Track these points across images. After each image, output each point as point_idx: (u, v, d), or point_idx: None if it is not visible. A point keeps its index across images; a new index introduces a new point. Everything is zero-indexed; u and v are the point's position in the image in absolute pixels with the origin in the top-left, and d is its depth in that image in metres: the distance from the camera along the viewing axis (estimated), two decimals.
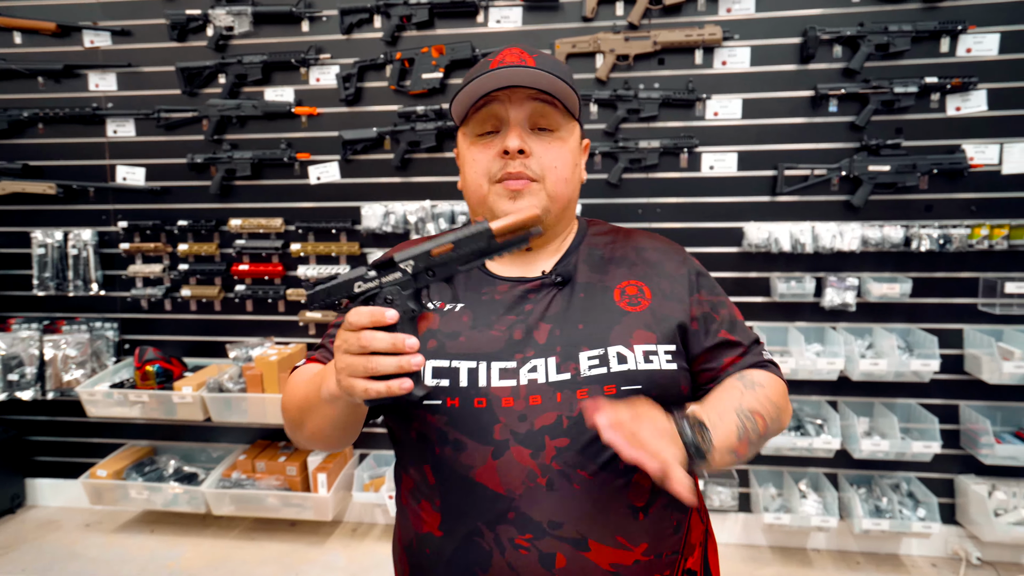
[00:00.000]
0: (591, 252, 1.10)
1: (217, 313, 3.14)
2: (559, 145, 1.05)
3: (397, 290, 0.83)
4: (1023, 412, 2.71)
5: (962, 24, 2.52)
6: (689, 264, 1.11)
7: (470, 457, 0.95)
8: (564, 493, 0.93)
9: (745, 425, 0.96)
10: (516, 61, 1.02)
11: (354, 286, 0.85)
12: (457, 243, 0.82)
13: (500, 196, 1.03)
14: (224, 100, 2.98)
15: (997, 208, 2.61)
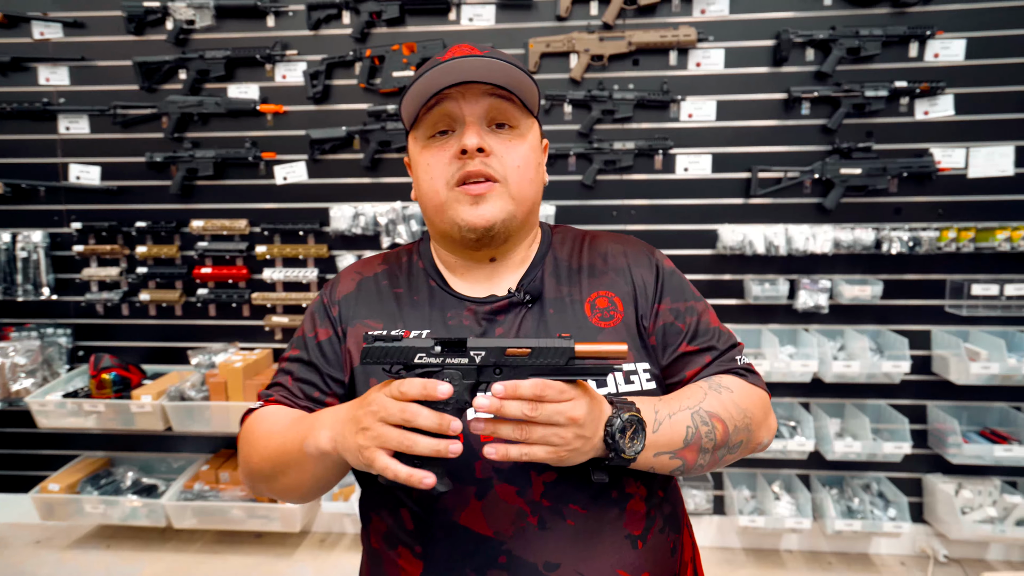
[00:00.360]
0: (557, 263, 1.04)
1: (178, 318, 3.02)
2: (520, 143, 0.97)
3: (458, 376, 0.78)
4: (988, 412, 2.76)
5: (930, 29, 2.56)
6: (658, 267, 1.05)
7: (452, 499, 0.89)
8: (558, 531, 0.88)
9: (699, 429, 0.89)
10: (466, 53, 0.93)
11: (416, 356, 0.79)
12: (535, 351, 0.78)
13: (460, 202, 0.94)
14: (185, 97, 2.86)
15: (963, 211, 2.65)
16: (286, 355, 1.06)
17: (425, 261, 1.07)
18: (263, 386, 1.09)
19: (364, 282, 1.06)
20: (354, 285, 1.06)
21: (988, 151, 2.62)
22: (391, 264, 1.08)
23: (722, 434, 0.92)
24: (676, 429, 0.88)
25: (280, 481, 0.94)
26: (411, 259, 1.08)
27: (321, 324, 1.04)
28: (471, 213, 0.94)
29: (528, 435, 0.75)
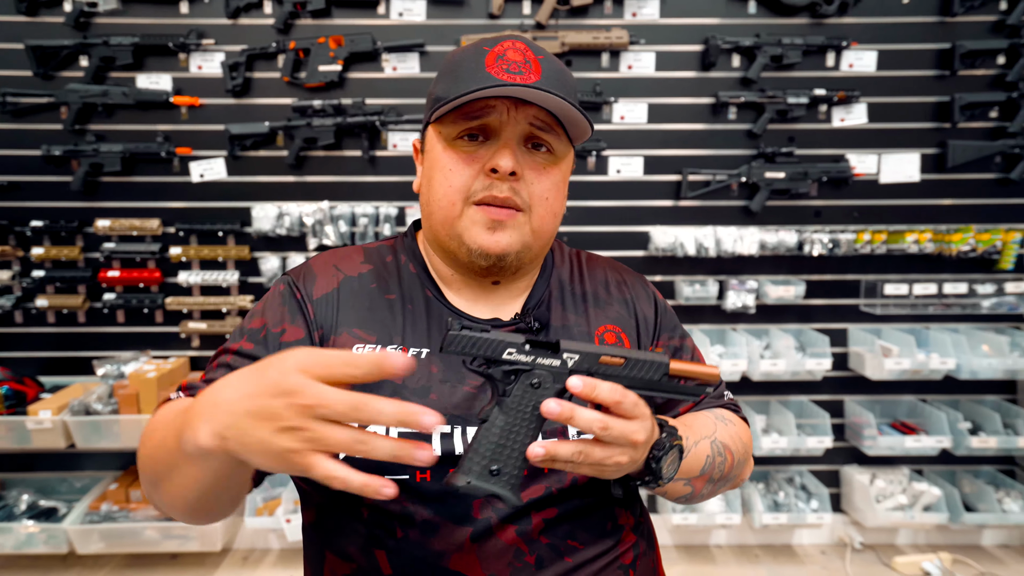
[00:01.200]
0: (561, 286, 0.99)
1: (81, 325, 2.78)
2: (554, 172, 0.89)
3: (549, 378, 0.71)
4: (898, 405, 2.92)
5: (846, 41, 2.67)
6: (656, 301, 1.03)
7: (443, 542, 0.81)
8: (556, 569, 0.83)
9: (715, 459, 0.89)
10: (520, 63, 0.84)
11: (505, 351, 0.71)
12: (629, 363, 0.74)
13: (476, 223, 0.86)
14: (87, 86, 2.64)
15: (876, 215, 2.79)
16: (232, 346, 0.88)
17: (416, 266, 0.96)
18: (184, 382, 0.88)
19: (348, 282, 0.93)
20: (335, 284, 0.92)
21: (897, 158, 2.76)
22: (376, 265, 0.96)
23: (729, 465, 0.91)
24: (698, 457, 0.87)
25: (163, 489, 0.76)
26: (399, 261, 0.97)
27: (291, 320, 0.89)
28: (486, 237, 0.86)
29: (586, 457, 0.69)
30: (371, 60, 2.69)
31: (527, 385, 0.71)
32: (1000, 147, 2.70)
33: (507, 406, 0.70)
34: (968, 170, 2.76)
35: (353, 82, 2.70)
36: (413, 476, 0.81)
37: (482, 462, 0.69)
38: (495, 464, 0.69)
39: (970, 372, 2.64)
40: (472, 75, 0.84)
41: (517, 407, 0.70)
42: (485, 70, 0.83)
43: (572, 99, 0.86)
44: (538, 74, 0.84)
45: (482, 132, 0.86)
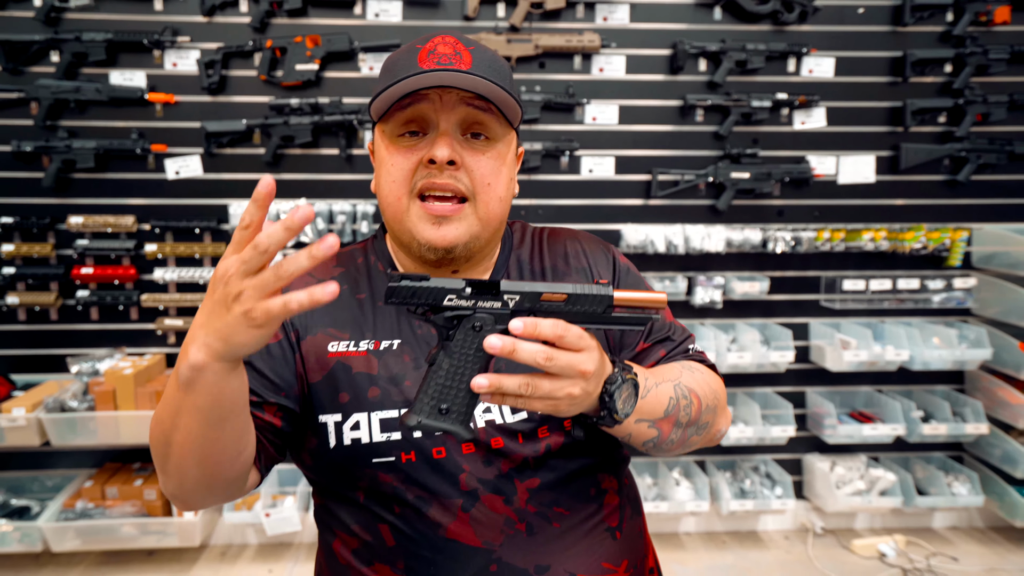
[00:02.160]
0: (520, 266, 1.02)
1: (54, 323, 2.76)
2: (494, 157, 0.91)
3: (491, 320, 0.74)
4: (856, 395, 3.06)
5: (806, 47, 2.79)
6: (615, 263, 1.05)
7: (438, 513, 0.87)
8: (546, 535, 0.89)
9: (679, 401, 0.90)
10: (450, 54, 0.87)
11: (445, 297, 0.73)
12: (572, 298, 0.75)
13: (421, 219, 0.89)
14: (59, 81, 2.62)
15: (835, 214, 2.92)
16: None
17: (384, 263, 1.01)
18: None
19: None
20: None
21: (854, 160, 2.90)
22: (347, 267, 1.01)
23: (696, 410, 0.92)
24: (660, 399, 0.88)
25: (172, 452, 0.79)
26: (368, 260, 1.01)
27: None
28: (432, 232, 0.89)
29: (534, 389, 0.71)
30: (348, 60, 2.72)
31: (469, 328, 0.73)
32: (948, 150, 2.86)
33: (451, 349, 0.73)
34: (919, 172, 2.91)
35: (330, 81, 2.73)
36: (399, 458, 0.87)
37: (431, 402, 0.73)
38: (444, 403, 0.73)
39: (922, 363, 2.79)
40: (406, 72, 0.87)
41: (461, 349, 0.73)
42: (417, 65, 0.87)
43: (502, 82, 0.88)
44: (468, 64, 0.87)
45: (420, 127, 0.90)
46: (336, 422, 0.89)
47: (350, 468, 0.89)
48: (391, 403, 0.89)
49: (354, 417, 0.89)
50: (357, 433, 0.88)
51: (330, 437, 0.90)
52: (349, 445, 0.88)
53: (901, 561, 2.79)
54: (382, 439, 0.87)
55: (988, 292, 2.90)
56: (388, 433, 0.88)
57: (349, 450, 0.89)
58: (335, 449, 0.89)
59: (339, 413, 0.90)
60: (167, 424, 0.78)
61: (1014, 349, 2.75)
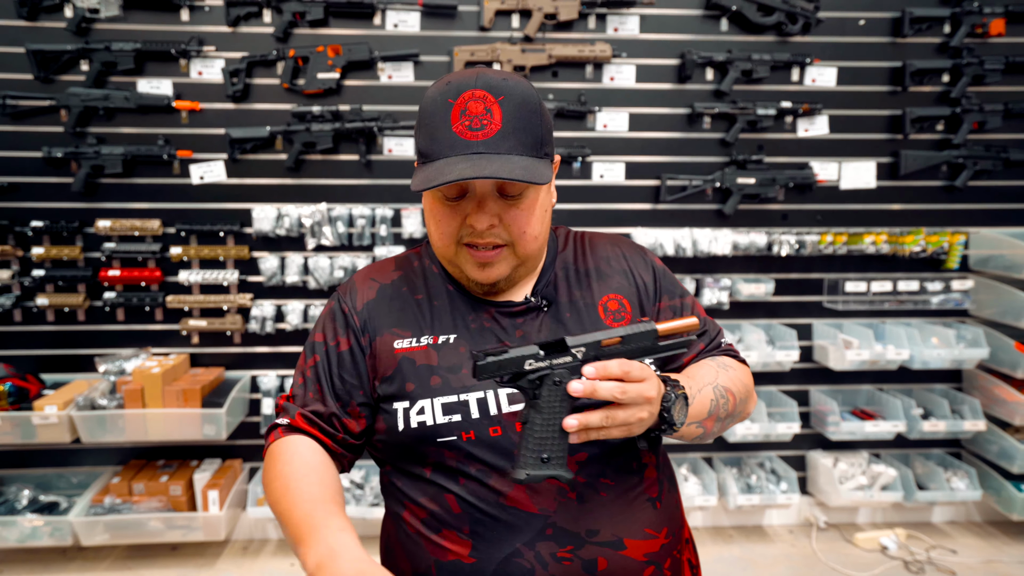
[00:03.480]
0: (566, 267, 1.12)
1: (81, 323, 2.84)
2: (528, 207, 1.00)
3: (567, 373, 0.86)
4: (858, 394, 3.16)
5: (809, 57, 2.90)
6: (654, 267, 1.16)
7: (498, 484, 0.97)
8: (595, 502, 0.99)
9: (718, 401, 1.05)
10: (480, 115, 0.94)
11: (525, 363, 0.85)
12: (625, 338, 0.89)
13: (468, 262, 1.02)
14: (89, 90, 2.71)
15: (838, 218, 3.02)
16: (308, 362, 1.08)
17: (438, 266, 1.11)
18: (283, 396, 1.10)
19: (383, 289, 1.10)
20: (374, 293, 1.09)
21: (856, 166, 3.00)
22: (405, 270, 1.12)
23: (732, 404, 1.08)
24: (703, 402, 1.02)
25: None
26: (423, 264, 1.13)
27: (342, 333, 1.07)
28: (478, 272, 1.02)
29: (613, 420, 0.85)
30: (367, 68, 2.81)
31: (551, 384, 0.85)
32: (946, 157, 2.96)
33: (540, 406, 0.85)
34: (918, 177, 3.02)
35: (350, 89, 2.82)
36: (460, 437, 0.98)
37: (532, 456, 0.85)
38: (544, 453, 0.85)
39: (922, 362, 2.89)
40: (442, 136, 0.95)
41: (548, 404, 0.85)
42: (451, 129, 0.94)
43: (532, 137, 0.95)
44: (499, 123, 0.94)
45: (459, 190, 0.99)
46: (404, 408, 1.01)
47: (418, 447, 1.00)
48: (451, 389, 1.00)
49: (419, 403, 1.00)
50: (422, 417, 0.99)
51: (399, 421, 1.01)
52: (416, 428, 0.99)
53: (902, 554, 2.88)
54: (444, 421, 0.98)
55: (985, 294, 3.00)
56: (449, 416, 0.98)
57: (416, 432, 0.99)
58: (403, 431, 1.00)
59: (406, 400, 1.01)
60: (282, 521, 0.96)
61: (1010, 349, 2.85)
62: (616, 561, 0.98)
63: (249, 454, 2.99)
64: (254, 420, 2.94)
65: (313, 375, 1.07)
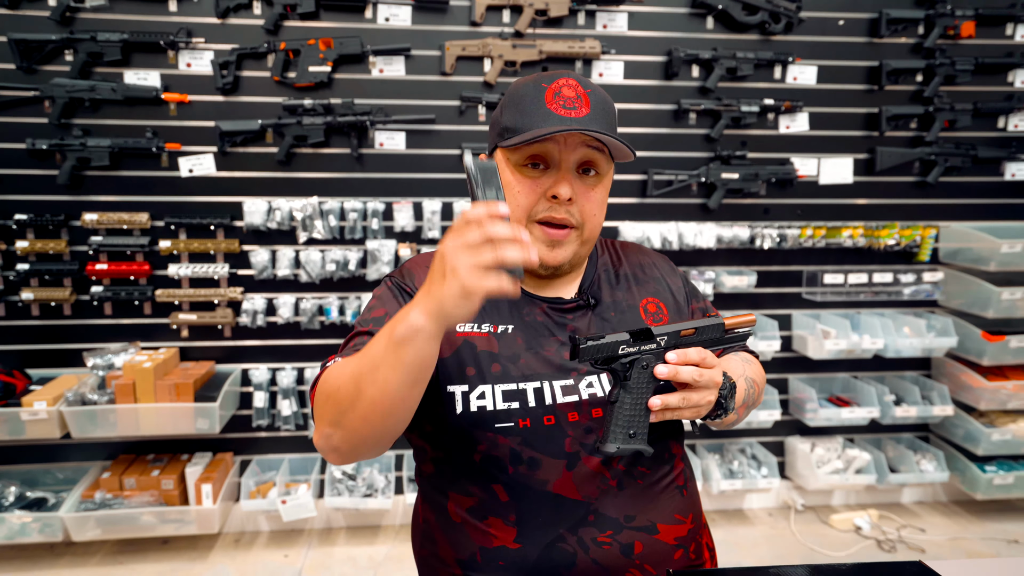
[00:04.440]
0: (607, 270, 1.20)
1: (68, 318, 2.81)
2: (601, 191, 1.08)
3: (652, 358, 0.96)
4: (835, 381, 3.28)
5: (791, 56, 2.98)
6: (679, 275, 1.26)
7: (546, 472, 1.02)
8: (632, 490, 1.05)
9: (749, 391, 1.14)
10: (573, 98, 1.02)
11: (619, 348, 0.95)
12: (699, 330, 1.00)
13: (538, 239, 1.06)
14: (74, 80, 2.66)
15: (817, 212, 3.13)
16: (363, 329, 1.05)
17: None
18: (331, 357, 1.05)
19: None
20: None
21: (834, 162, 3.11)
22: None
23: (758, 393, 1.18)
24: (740, 393, 1.11)
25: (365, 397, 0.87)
26: None
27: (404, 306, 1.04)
28: (546, 252, 1.06)
29: (688, 401, 0.95)
30: (359, 62, 2.82)
31: (640, 368, 0.95)
32: (919, 154, 3.08)
33: (630, 387, 0.95)
34: (893, 173, 3.13)
35: (341, 82, 2.82)
36: (516, 423, 1.02)
37: (623, 431, 0.95)
38: (631, 429, 0.95)
39: (895, 351, 3.02)
40: (535, 109, 1.03)
41: (636, 385, 0.95)
42: (546, 106, 1.02)
43: (612, 127, 1.06)
44: (588, 107, 1.03)
45: (543, 161, 1.05)
46: (463, 392, 1.04)
47: (473, 432, 1.03)
48: (510, 377, 1.04)
49: (479, 388, 1.04)
50: (482, 402, 1.03)
51: (457, 404, 1.04)
52: (475, 412, 1.03)
53: (875, 533, 3.02)
54: (503, 407, 1.03)
55: (954, 285, 3.14)
56: (509, 402, 1.03)
57: (475, 416, 1.03)
58: (461, 415, 1.04)
59: (466, 384, 1.04)
60: (365, 378, 0.87)
61: (977, 337, 3.00)
62: (650, 545, 1.04)
63: (240, 447, 2.99)
64: (245, 413, 2.94)
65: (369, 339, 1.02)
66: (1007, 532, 3.03)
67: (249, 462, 2.98)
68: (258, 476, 2.92)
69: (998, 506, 3.24)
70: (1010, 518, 3.15)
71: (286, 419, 2.90)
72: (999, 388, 2.99)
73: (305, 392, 2.95)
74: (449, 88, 2.87)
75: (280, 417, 2.90)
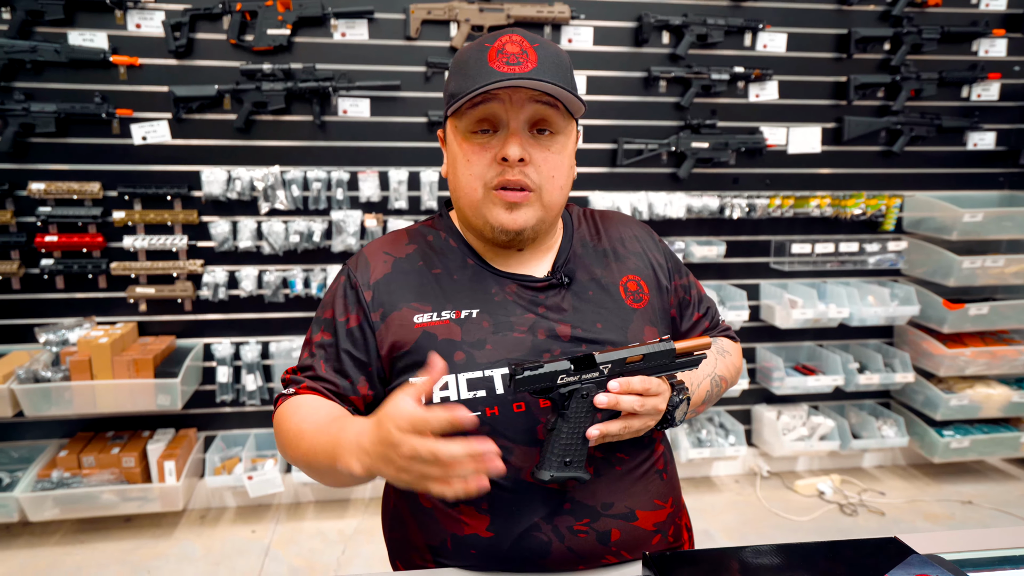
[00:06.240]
0: (584, 245, 1.14)
1: (16, 292, 2.69)
2: (558, 151, 1.01)
3: (593, 387, 0.93)
4: (800, 350, 3.33)
5: (761, 23, 2.95)
6: (662, 249, 1.20)
7: (519, 460, 0.98)
8: (610, 477, 1.02)
9: (713, 390, 1.14)
10: (517, 54, 0.96)
11: (558, 378, 0.92)
12: (646, 356, 0.96)
13: (496, 205, 1.00)
14: (13, 40, 2.51)
15: (785, 182, 3.13)
16: (315, 337, 1.07)
17: (456, 240, 1.10)
18: (289, 370, 1.09)
19: (399, 264, 1.08)
20: (389, 267, 1.07)
21: (803, 131, 3.10)
22: (420, 245, 1.11)
23: (724, 388, 1.18)
24: (701, 394, 1.11)
25: (322, 480, 1.01)
26: (439, 237, 1.11)
27: (352, 309, 1.06)
28: (505, 216, 1.00)
29: (628, 428, 0.94)
30: (320, 25, 2.71)
31: (580, 397, 0.93)
32: (885, 123, 3.10)
33: (568, 416, 0.92)
34: (860, 143, 3.15)
35: (301, 46, 2.72)
36: (484, 413, 0.98)
37: (558, 459, 0.92)
38: (567, 458, 0.93)
39: (859, 320, 3.06)
40: (477, 70, 0.96)
41: (575, 415, 0.92)
42: (488, 65, 0.96)
43: (564, 80, 0.98)
44: (535, 62, 0.96)
45: (492, 125, 0.99)
46: None
47: None
48: (475, 365, 0.99)
49: (442, 379, 0.99)
50: (446, 392, 0.98)
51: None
52: (439, 404, 0.98)
53: (837, 498, 3.09)
54: (469, 396, 0.98)
55: (916, 254, 3.19)
56: (474, 391, 0.98)
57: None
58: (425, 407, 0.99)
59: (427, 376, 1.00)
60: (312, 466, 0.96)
61: (938, 305, 3.05)
62: (628, 532, 1.02)
63: (204, 423, 2.93)
64: (208, 388, 2.87)
65: (320, 351, 1.06)
66: (961, 494, 3.13)
67: (214, 438, 2.91)
68: (223, 452, 2.87)
69: (954, 469, 3.34)
70: (965, 480, 3.25)
71: (251, 394, 2.84)
72: (958, 355, 3.05)
73: (271, 367, 2.88)
74: (415, 53, 2.78)
75: (245, 392, 2.84)
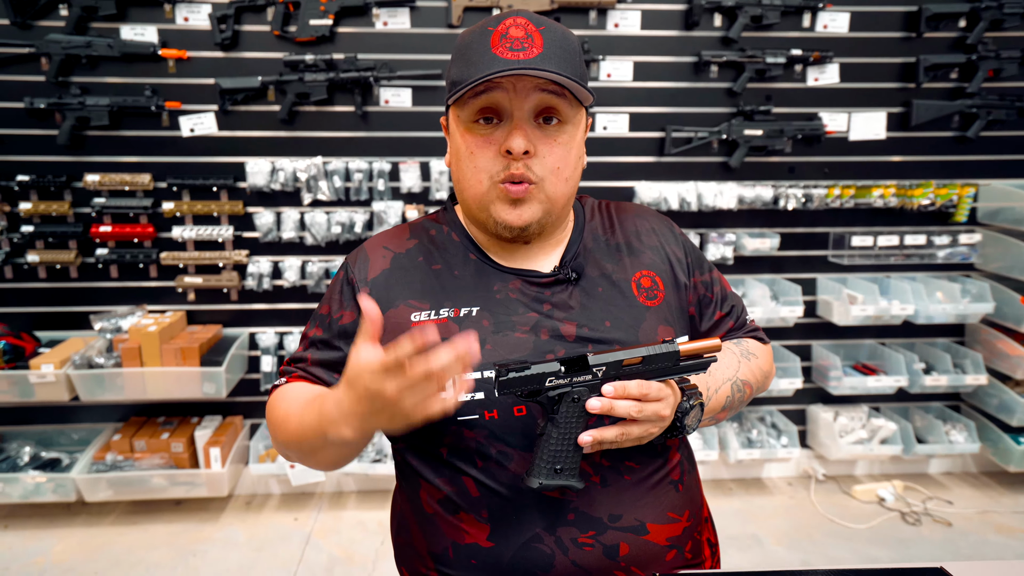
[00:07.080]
0: (595, 239, 1.07)
1: (74, 280, 2.79)
2: (565, 142, 0.95)
3: (585, 390, 0.86)
4: (860, 348, 3.15)
5: (822, 2, 2.78)
6: (683, 242, 1.12)
7: (519, 467, 0.93)
8: (618, 486, 0.95)
9: (735, 396, 1.05)
10: (521, 38, 0.89)
11: (546, 380, 0.85)
12: (647, 359, 0.87)
13: (501, 200, 0.95)
14: (70, 36, 2.59)
15: (845, 171, 2.95)
16: (310, 332, 1.05)
17: (459, 234, 1.05)
18: (285, 361, 1.07)
19: (398, 259, 1.03)
20: (388, 262, 1.03)
21: (866, 116, 2.92)
22: (421, 239, 1.06)
23: (748, 395, 1.09)
24: (719, 400, 1.03)
25: (313, 460, 0.98)
26: (442, 232, 1.06)
27: (347, 306, 1.02)
28: (509, 212, 0.95)
29: (627, 435, 0.87)
30: (362, 15, 2.69)
31: (570, 401, 0.86)
32: (959, 107, 2.88)
33: (557, 421, 0.86)
34: (929, 128, 2.94)
35: (343, 37, 2.71)
36: (482, 415, 0.93)
37: (547, 466, 0.86)
38: (557, 464, 0.86)
39: (926, 317, 2.86)
40: (479, 56, 0.90)
41: (565, 419, 0.86)
42: (491, 51, 0.90)
43: (572, 66, 0.91)
44: (540, 47, 0.89)
45: (495, 114, 0.93)
46: None
47: (435, 426, 0.92)
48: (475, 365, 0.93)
49: None
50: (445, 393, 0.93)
51: None
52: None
53: (899, 505, 2.92)
54: (466, 398, 0.92)
55: (992, 247, 2.96)
56: (472, 393, 0.92)
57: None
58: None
59: None
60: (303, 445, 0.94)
61: (1015, 303, 2.83)
62: (638, 546, 0.95)
63: (249, 411, 2.98)
64: (253, 377, 2.92)
65: (312, 346, 1.04)
66: None
67: (259, 426, 2.97)
68: (268, 440, 2.91)
69: None
70: None
71: None
72: None
73: None
74: None
75: None
